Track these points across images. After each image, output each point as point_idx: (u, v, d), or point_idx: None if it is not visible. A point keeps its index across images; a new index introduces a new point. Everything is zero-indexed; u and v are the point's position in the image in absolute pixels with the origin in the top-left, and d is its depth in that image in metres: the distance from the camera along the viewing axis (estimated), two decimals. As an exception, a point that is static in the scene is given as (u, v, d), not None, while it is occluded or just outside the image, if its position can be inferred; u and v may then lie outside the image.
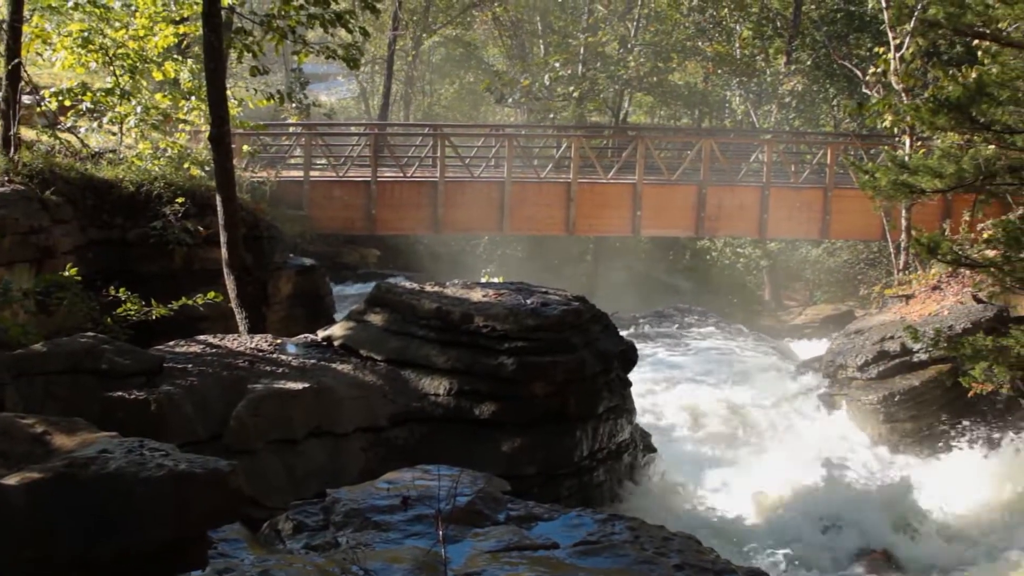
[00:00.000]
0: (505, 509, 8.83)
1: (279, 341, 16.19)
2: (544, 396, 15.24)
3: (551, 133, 43.03)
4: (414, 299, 16.25)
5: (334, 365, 15.44)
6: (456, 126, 47.35)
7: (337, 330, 16.64)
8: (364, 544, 7.84)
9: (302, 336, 16.96)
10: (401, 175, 33.04)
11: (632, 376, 17.61)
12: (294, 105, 38.77)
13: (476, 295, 16.35)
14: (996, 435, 21.13)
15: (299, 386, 14.23)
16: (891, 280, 30.22)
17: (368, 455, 14.36)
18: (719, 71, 47.96)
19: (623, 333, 18.70)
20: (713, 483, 18.72)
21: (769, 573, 9.20)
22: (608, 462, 16.22)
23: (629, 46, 47.05)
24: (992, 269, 17.68)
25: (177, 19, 21.55)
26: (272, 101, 21.23)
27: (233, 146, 19.82)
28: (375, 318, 16.50)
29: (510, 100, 49.96)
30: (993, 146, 17.43)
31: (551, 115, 47.75)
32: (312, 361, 15.40)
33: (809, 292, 45.50)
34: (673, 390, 24.77)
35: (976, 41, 21.24)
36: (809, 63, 44.65)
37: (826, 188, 33.74)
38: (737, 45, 48.40)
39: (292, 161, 33.84)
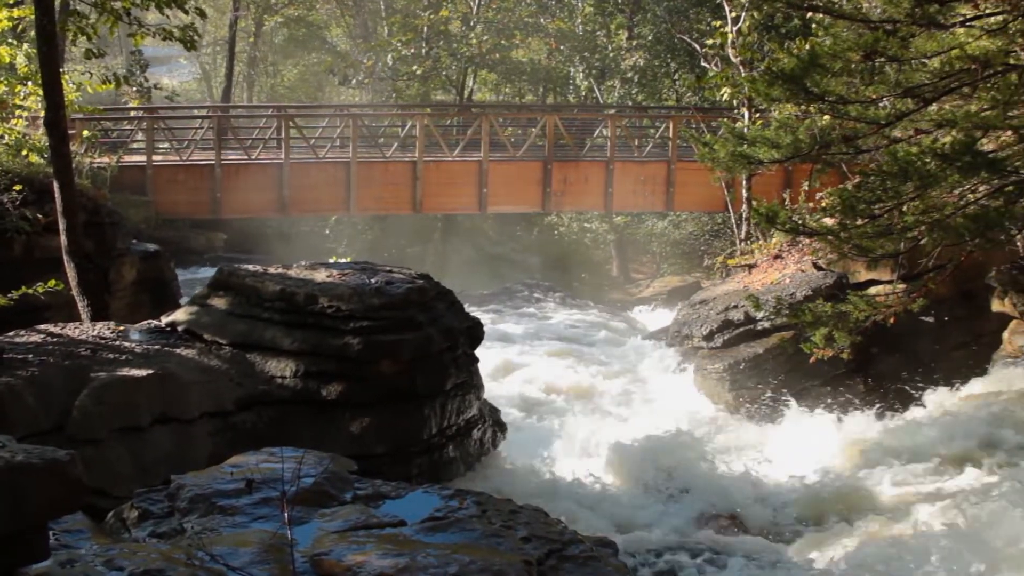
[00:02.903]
0: (352, 489, 8.84)
1: (122, 328, 15.97)
2: (391, 374, 15.25)
3: (396, 112, 42.95)
4: (257, 282, 16.14)
5: (178, 351, 15.29)
6: (300, 107, 47.02)
7: (181, 315, 16.48)
8: (210, 529, 7.80)
9: (145, 322, 16.76)
10: (246, 157, 32.65)
11: (480, 352, 17.71)
12: (135, 88, 38.33)
13: (320, 276, 16.29)
14: (838, 400, 21.63)
15: (143, 373, 14.06)
16: (734, 250, 30.69)
17: (216, 440, 14.24)
18: (562, 47, 48.19)
19: (471, 310, 18.78)
20: (562, 455, 18.85)
21: (616, 542, 9.32)
22: (457, 438, 16.29)
23: (472, 23, 47.06)
24: (830, 237, 17.97)
25: (11, 2, 21.09)
26: (110, 85, 20.89)
27: (72, 131, 19.51)
28: (219, 302, 16.36)
29: (354, 80, 49.78)
30: (828, 116, 17.69)
31: (395, 95, 47.67)
32: (156, 347, 15.23)
33: (656, 265, 46.09)
34: (521, 365, 24.97)
35: (811, 13, 21.63)
36: (650, 38, 45.12)
37: (669, 161, 34.06)
38: (579, 21, 48.80)
39: (134, 146, 33.22)
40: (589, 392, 23.39)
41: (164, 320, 16.55)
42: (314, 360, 15.21)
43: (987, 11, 16.27)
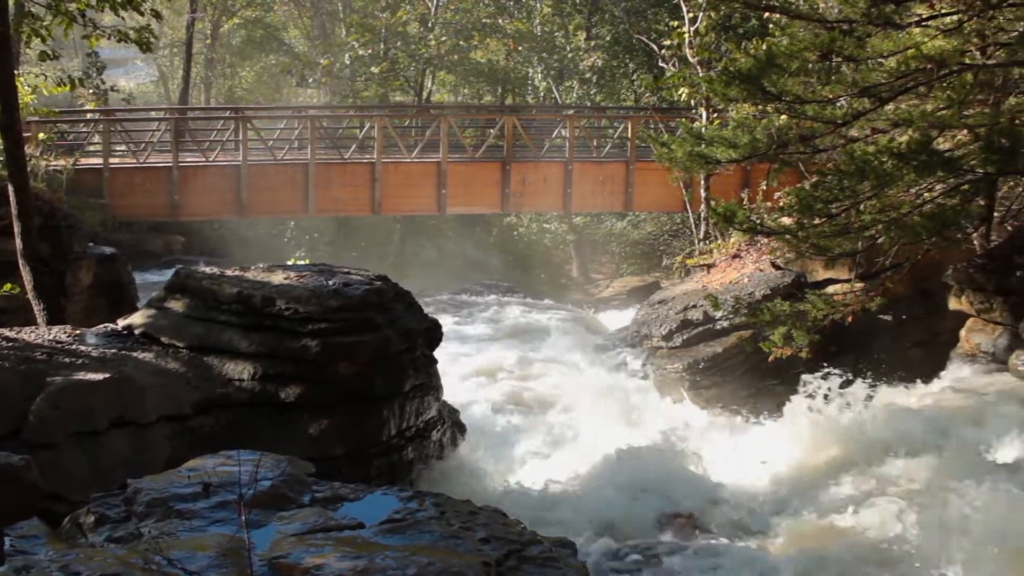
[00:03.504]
0: (310, 491, 8.81)
1: (78, 332, 15.85)
2: (349, 376, 15.17)
3: (354, 114, 42.86)
4: (215, 284, 16.02)
5: (135, 354, 15.17)
6: (258, 108, 46.84)
7: (137, 318, 16.37)
8: (167, 533, 7.75)
9: (102, 326, 16.63)
10: (203, 160, 32.54)
11: (439, 353, 17.66)
12: (91, 91, 38.11)
13: (277, 278, 16.19)
14: (796, 399, 21.66)
15: (99, 376, 13.94)
16: (693, 250, 30.76)
17: (174, 444, 14.14)
18: (520, 48, 48.23)
19: (430, 311, 18.74)
20: (521, 456, 18.87)
21: (575, 542, 9.32)
22: (416, 440, 16.23)
23: (430, 24, 47.05)
24: (788, 236, 18.06)
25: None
26: (66, 87, 20.75)
27: (27, 134, 19.35)
28: (176, 305, 16.25)
29: (311, 81, 49.65)
30: (785, 116, 17.77)
31: (353, 96, 47.60)
32: (112, 351, 15.11)
33: (616, 265, 46.20)
34: (481, 366, 24.94)
35: (768, 13, 21.70)
36: (609, 39, 45.22)
37: (628, 162, 34.09)
38: (537, 22, 48.82)
39: (91, 148, 33.06)
40: (548, 392, 23.38)
41: (121, 323, 16.42)
42: (272, 362, 15.12)
43: (943, 11, 16.38)
